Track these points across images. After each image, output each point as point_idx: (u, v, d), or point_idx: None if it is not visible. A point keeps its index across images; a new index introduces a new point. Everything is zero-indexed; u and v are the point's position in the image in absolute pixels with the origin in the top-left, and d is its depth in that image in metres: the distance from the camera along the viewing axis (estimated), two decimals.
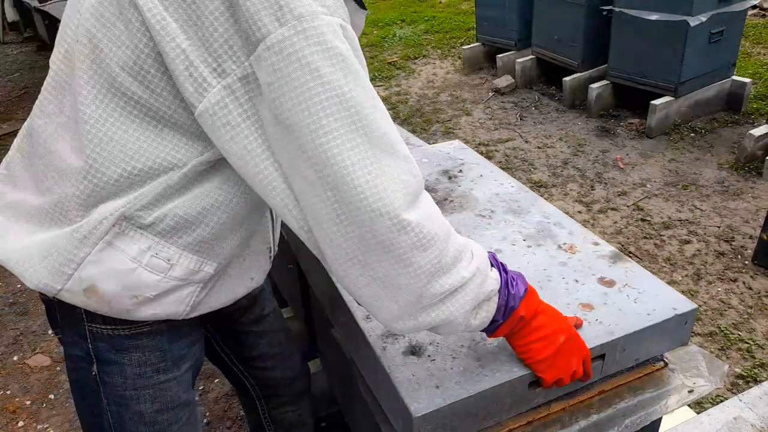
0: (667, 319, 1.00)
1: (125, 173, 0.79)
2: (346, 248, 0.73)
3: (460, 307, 0.79)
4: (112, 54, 0.73)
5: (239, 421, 2.06)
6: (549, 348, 0.88)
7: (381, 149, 0.70)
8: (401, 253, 0.72)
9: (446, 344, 0.97)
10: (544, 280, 1.10)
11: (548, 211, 1.32)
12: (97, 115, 0.77)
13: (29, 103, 5.65)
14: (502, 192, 1.41)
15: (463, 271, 0.78)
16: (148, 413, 0.96)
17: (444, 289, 0.77)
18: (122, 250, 0.82)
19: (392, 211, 0.70)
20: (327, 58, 0.66)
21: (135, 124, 0.77)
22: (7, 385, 2.32)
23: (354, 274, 0.75)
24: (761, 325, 2.31)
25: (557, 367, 0.90)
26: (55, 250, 0.82)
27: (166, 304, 0.88)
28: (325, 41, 0.66)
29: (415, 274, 0.74)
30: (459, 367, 0.93)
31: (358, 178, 0.68)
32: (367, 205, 0.69)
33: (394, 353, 0.96)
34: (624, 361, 1.01)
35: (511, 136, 4.10)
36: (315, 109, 0.67)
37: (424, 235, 0.73)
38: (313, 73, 0.66)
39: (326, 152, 0.68)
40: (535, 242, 1.21)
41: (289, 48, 0.65)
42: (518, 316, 0.86)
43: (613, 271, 1.11)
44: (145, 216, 0.81)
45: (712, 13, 3.55)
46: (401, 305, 0.77)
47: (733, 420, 0.96)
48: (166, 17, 0.69)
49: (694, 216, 3.03)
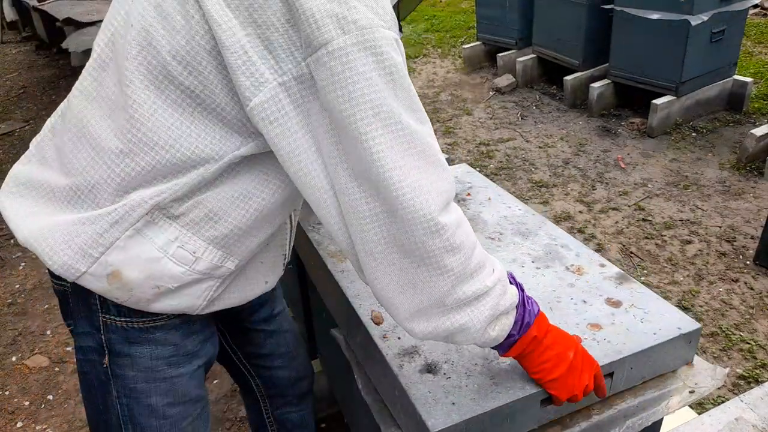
0: (672, 338, 1.03)
1: (163, 160, 0.80)
2: (379, 244, 0.77)
3: (480, 314, 0.81)
4: (165, 43, 0.76)
5: (238, 422, 2.06)
6: (561, 366, 0.90)
7: (423, 156, 0.75)
8: (432, 255, 0.76)
9: (461, 362, 1.00)
10: (554, 301, 1.13)
11: (555, 233, 1.36)
12: (142, 100, 0.78)
13: (27, 103, 5.65)
14: (510, 215, 1.45)
15: (486, 280, 0.81)
16: (159, 407, 0.97)
17: (467, 294, 0.80)
18: (150, 238, 0.84)
19: (429, 213, 0.74)
20: (382, 68, 0.71)
21: (180, 112, 0.79)
22: (6, 385, 2.32)
23: (381, 269, 0.79)
24: (763, 325, 2.30)
25: (570, 384, 0.91)
26: (83, 232, 0.83)
27: (184, 296, 0.89)
28: (382, 53, 0.71)
29: (442, 277, 0.78)
30: (474, 385, 0.95)
31: (400, 181, 0.73)
32: (407, 206, 0.74)
33: (410, 371, 0.99)
34: (631, 379, 1.04)
35: (511, 135, 4.09)
36: (366, 114, 0.71)
37: (455, 239, 0.77)
38: (369, 81, 0.70)
39: (373, 155, 0.72)
40: (543, 264, 1.25)
41: (350, 55, 0.69)
42: (531, 336, 0.88)
43: (620, 292, 1.15)
44: (177, 206, 0.83)
45: (713, 13, 3.54)
46: (422, 306, 0.80)
47: (735, 421, 0.96)
48: (229, 14, 0.72)
49: (695, 216, 3.02)
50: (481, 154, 3.86)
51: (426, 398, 0.93)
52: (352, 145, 0.72)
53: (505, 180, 3.52)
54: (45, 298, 2.82)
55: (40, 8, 4.90)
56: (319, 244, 1.38)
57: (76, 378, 2.30)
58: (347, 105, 0.71)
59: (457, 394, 0.93)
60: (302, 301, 1.81)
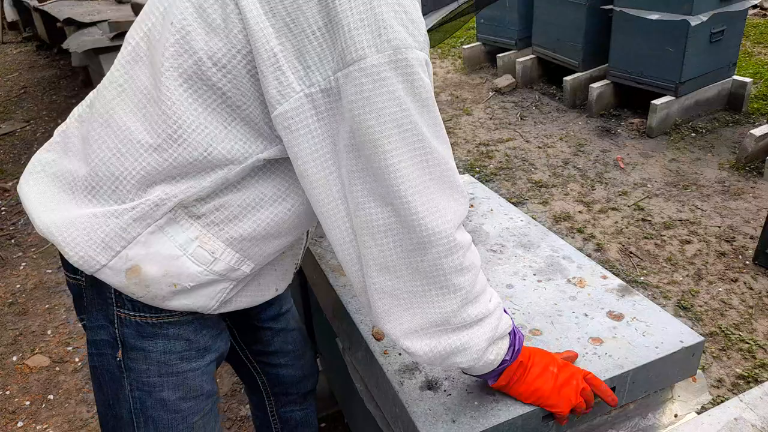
0: (675, 351, 1.03)
1: (190, 158, 0.81)
2: (390, 258, 0.78)
3: (481, 336, 0.83)
4: (203, 43, 0.77)
5: (239, 422, 2.06)
6: (549, 381, 0.92)
7: (442, 178, 0.77)
8: (444, 274, 0.78)
9: (462, 379, 1.00)
10: (555, 315, 1.13)
11: (557, 245, 1.36)
12: (175, 97, 0.79)
13: (28, 103, 5.65)
14: (512, 226, 1.45)
15: (488, 303, 0.84)
16: (171, 400, 0.97)
17: (472, 315, 0.81)
18: (171, 236, 0.85)
19: (445, 231, 0.76)
20: (411, 89, 0.72)
21: (209, 112, 0.80)
22: (6, 385, 2.32)
23: (384, 282, 0.80)
24: (762, 325, 2.31)
25: (566, 396, 0.92)
26: (106, 225, 0.83)
27: (199, 296, 0.90)
28: (413, 74, 0.72)
29: (452, 296, 0.79)
30: (474, 402, 0.96)
31: (419, 200, 0.75)
32: (424, 225, 0.75)
33: (411, 387, 0.99)
34: (634, 393, 1.04)
35: (511, 135, 4.10)
36: (391, 132, 0.73)
37: (466, 260, 0.79)
38: (397, 100, 0.72)
39: (394, 173, 0.73)
40: (545, 277, 1.25)
41: (382, 74, 0.71)
42: (518, 362, 0.91)
43: (622, 305, 1.15)
44: (200, 206, 0.85)
45: (712, 13, 3.54)
46: (426, 323, 0.81)
47: (734, 420, 0.96)
48: (265, 21, 0.73)
49: (694, 216, 3.03)
50: (481, 155, 3.86)
51: (426, 415, 0.93)
52: (374, 161, 0.73)
53: (504, 180, 3.53)
54: (46, 298, 2.83)
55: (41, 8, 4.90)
56: (321, 258, 1.38)
57: (76, 378, 2.31)
58: (374, 122, 0.72)
59: (457, 411, 0.94)
60: (302, 302, 1.81)
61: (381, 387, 1.08)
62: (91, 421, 2.11)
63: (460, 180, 0.80)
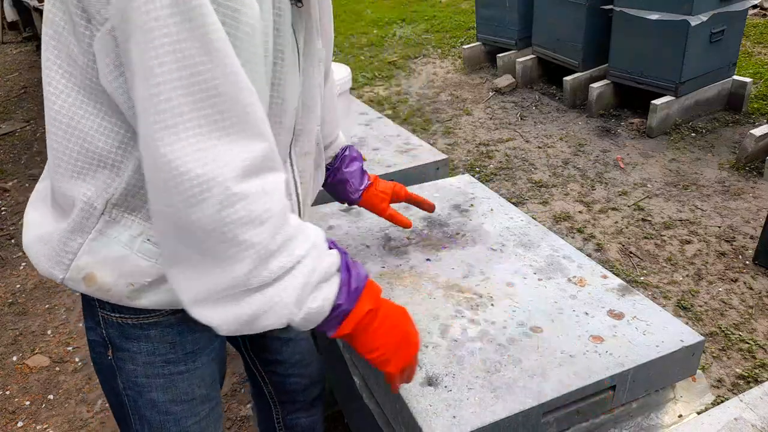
0: (675, 350, 1.04)
1: (83, 150, 0.78)
2: (164, 214, 0.69)
3: (291, 289, 0.73)
4: (58, 20, 0.74)
5: (239, 422, 2.06)
6: (398, 339, 0.86)
7: (221, 114, 0.66)
8: (225, 228, 0.67)
9: (462, 375, 1.00)
10: (555, 313, 1.13)
11: (557, 244, 1.36)
12: (53, 87, 0.77)
13: (28, 103, 5.65)
14: (512, 225, 1.45)
15: (297, 249, 0.73)
16: (160, 402, 0.96)
17: (274, 270, 0.71)
18: (114, 237, 0.82)
19: (221, 182, 0.65)
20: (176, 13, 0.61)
21: (77, 94, 0.77)
22: (6, 385, 2.32)
23: (168, 244, 0.72)
24: (762, 325, 2.31)
25: (401, 357, 0.87)
26: (52, 240, 0.83)
27: (161, 291, 0.86)
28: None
29: (241, 254, 0.68)
30: (474, 398, 0.95)
31: (173, 141, 0.64)
32: (190, 177, 0.64)
33: (411, 384, 0.98)
34: (634, 391, 1.04)
35: (511, 135, 4.10)
36: (151, 60, 0.62)
37: (256, 209, 0.68)
38: (158, 21, 0.61)
39: (155, 106, 0.63)
40: (545, 275, 1.25)
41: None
42: (365, 309, 0.81)
43: (622, 304, 1.15)
44: (132, 199, 0.80)
45: (712, 13, 3.54)
46: (213, 287, 0.71)
47: (734, 420, 0.96)
48: None
49: (694, 216, 3.03)
50: (481, 155, 3.86)
51: (427, 411, 0.93)
52: (140, 96, 0.64)
53: (504, 180, 3.53)
54: (46, 298, 2.83)
55: (41, 8, 4.90)
56: None
57: (76, 378, 2.31)
58: (137, 50, 0.63)
59: (457, 407, 0.94)
60: None
61: (381, 383, 1.08)
62: (91, 421, 2.11)
63: (258, 116, 0.68)
